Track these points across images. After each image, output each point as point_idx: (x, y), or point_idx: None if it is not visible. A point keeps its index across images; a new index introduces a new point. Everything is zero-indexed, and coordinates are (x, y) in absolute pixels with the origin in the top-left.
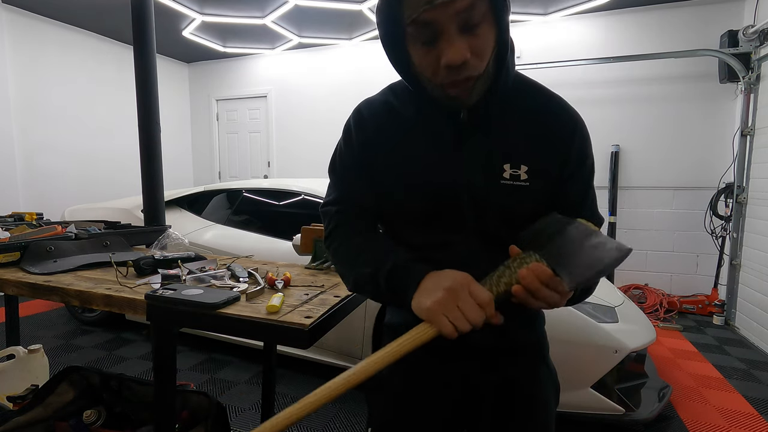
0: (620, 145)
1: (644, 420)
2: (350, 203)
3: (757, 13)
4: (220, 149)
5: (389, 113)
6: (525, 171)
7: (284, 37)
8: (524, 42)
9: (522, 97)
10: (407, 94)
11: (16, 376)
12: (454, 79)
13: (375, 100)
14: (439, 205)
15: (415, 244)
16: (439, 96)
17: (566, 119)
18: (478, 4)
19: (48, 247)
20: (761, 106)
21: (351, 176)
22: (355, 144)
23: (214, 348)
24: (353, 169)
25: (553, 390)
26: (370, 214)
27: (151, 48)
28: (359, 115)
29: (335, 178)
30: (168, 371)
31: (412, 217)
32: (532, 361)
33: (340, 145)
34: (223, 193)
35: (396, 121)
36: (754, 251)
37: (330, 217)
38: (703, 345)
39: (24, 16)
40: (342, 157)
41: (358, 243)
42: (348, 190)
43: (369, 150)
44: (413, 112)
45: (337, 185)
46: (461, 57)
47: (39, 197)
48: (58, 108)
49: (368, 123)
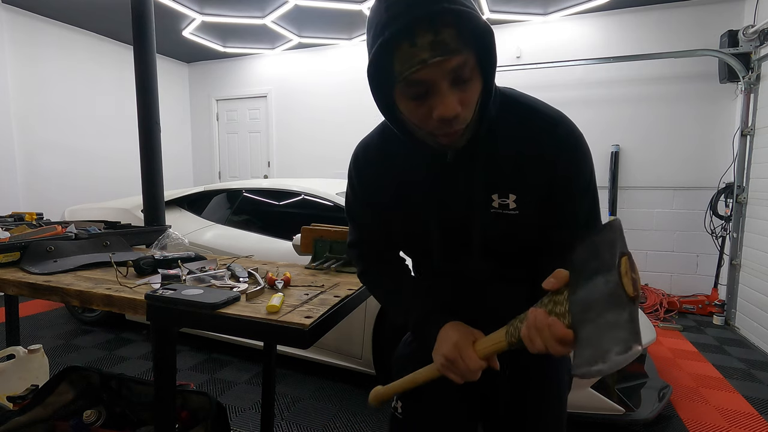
0: (620, 145)
1: (644, 420)
2: (368, 245)
3: (757, 13)
4: (220, 149)
5: (383, 158)
6: (513, 200)
7: (284, 37)
8: (524, 42)
9: (508, 121)
10: (390, 136)
11: (16, 376)
12: (445, 131)
13: (370, 145)
14: (439, 240)
15: (433, 268)
16: (430, 141)
17: (555, 136)
18: (469, 60)
19: (48, 247)
20: (761, 106)
21: (362, 220)
22: (359, 192)
23: (214, 348)
24: (363, 212)
25: (567, 376)
26: (388, 249)
27: (151, 48)
28: (357, 164)
29: (351, 221)
30: (168, 371)
31: (420, 249)
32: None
33: (348, 194)
34: (223, 193)
35: (390, 165)
36: (754, 251)
37: (356, 260)
38: (703, 345)
39: (24, 16)
40: (352, 203)
41: (389, 291)
42: (363, 233)
43: (372, 196)
44: (403, 154)
45: (355, 228)
46: (454, 111)
47: (39, 197)
48: (58, 108)
49: (366, 170)
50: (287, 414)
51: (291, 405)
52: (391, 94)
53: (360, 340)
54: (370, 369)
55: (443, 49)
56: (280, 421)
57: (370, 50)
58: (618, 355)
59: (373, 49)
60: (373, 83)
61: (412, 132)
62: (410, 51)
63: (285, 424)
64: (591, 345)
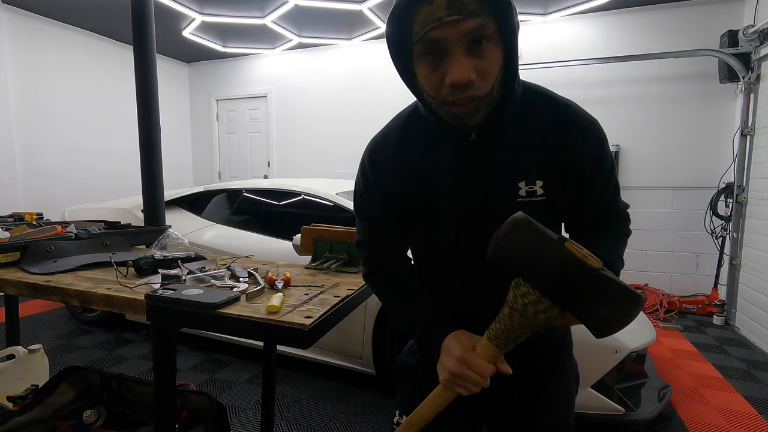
0: (620, 145)
1: (644, 420)
2: (378, 246)
3: (757, 13)
4: (220, 149)
5: (404, 144)
6: (540, 186)
7: (284, 37)
8: (524, 42)
9: (532, 109)
10: (413, 122)
11: (16, 376)
12: (457, 98)
13: (384, 140)
14: (460, 232)
15: (448, 265)
16: (443, 113)
17: (579, 125)
18: (487, 25)
19: (48, 247)
20: (761, 106)
21: (375, 220)
22: (374, 190)
23: (214, 348)
24: (375, 212)
25: (574, 380)
26: (398, 250)
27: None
28: (372, 162)
29: (361, 220)
30: (168, 371)
31: (438, 246)
32: (558, 354)
33: (359, 189)
34: (223, 193)
35: (411, 151)
36: (754, 251)
37: (364, 261)
38: (703, 345)
39: (24, 16)
40: (364, 202)
41: (393, 298)
42: (374, 233)
43: (388, 186)
44: (421, 140)
45: (365, 228)
46: (465, 76)
47: (39, 197)
48: (58, 108)
49: (384, 158)
50: (287, 414)
51: (291, 405)
52: (410, 62)
53: (360, 340)
54: (370, 369)
55: (460, 9)
56: (280, 421)
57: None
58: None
59: (392, 9)
60: (393, 48)
61: (429, 104)
62: (428, 10)
63: (285, 424)
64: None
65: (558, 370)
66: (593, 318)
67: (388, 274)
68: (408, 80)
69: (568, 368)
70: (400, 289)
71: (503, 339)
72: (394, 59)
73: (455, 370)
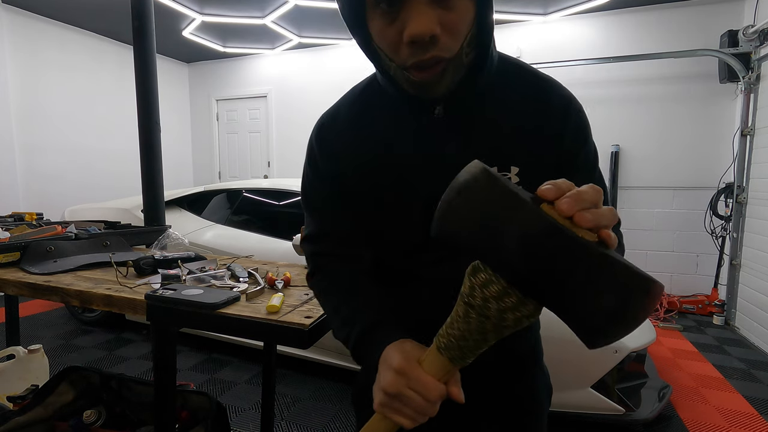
0: (620, 145)
1: (644, 420)
2: (327, 241)
3: (757, 13)
4: (220, 149)
5: (358, 123)
6: (516, 173)
7: (284, 37)
8: (524, 42)
9: (506, 82)
10: (369, 94)
11: (16, 376)
12: (419, 59)
13: (334, 116)
14: (421, 224)
15: (401, 266)
16: (402, 80)
17: (557, 99)
18: None
19: (48, 247)
20: (761, 106)
21: (324, 211)
22: (323, 174)
23: (214, 348)
24: (325, 201)
25: (546, 394)
26: (351, 247)
27: (151, 48)
28: (322, 139)
29: (308, 211)
30: (168, 371)
31: (401, 245)
32: (527, 368)
33: (306, 176)
34: (223, 193)
35: (366, 130)
36: (754, 251)
37: (308, 258)
38: (703, 345)
39: (24, 16)
40: (313, 189)
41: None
42: (322, 225)
43: (339, 180)
44: (379, 115)
45: (313, 220)
46: (428, 29)
47: (39, 197)
48: (58, 108)
49: (333, 146)
50: (287, 414)
51: (291, 405)
52: (363, 14)
53: None
54: None
55: None
56: (280, 421)
57: None
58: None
59: None
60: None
61: (387, 69)
62: None
63: (285, 424)
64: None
65: (529, 387)
66: (585, 317)
67: (333, 274)
68: (362, 40)
69: (540, 383)
70: (345, 290)
71: (457, 349)
72: (343, 12)
73: (391, 388)
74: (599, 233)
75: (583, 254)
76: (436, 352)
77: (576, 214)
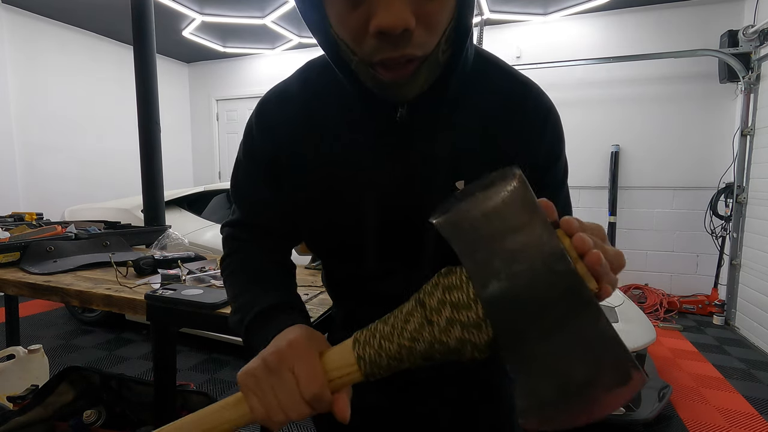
0: (620, 145)
1: (644, 420)
2: (251, 228)
3: (757, 13)
4: (220, 149)
5: (303, 106)
6: None
7: (284, 37)
8: (524, 42)
9: (481, 83)
10: (326, 76)
11: (16, 376)
12: (388, 56)
13: (283, 92)
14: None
15: (345, 273)
16: (367, 77)
17: (536, 106)
18: None
19: (48, 247)
20: (761, 106)
21: (254, 195)
22: (258, 154)
23: (214, 348)
24: (256, 185)
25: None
26: (277, 237)
27: (151, 48)
28: (263, 115)
29: (236, 196)
30: (168, 371)
31: (345, 254)
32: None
33: (240, 156)
34: (223, 193)
35: (312, 121)
36: (754, 251)
37: (224, 242)
38: (703, 345)
39: (24, 16)
40: (244, 171)
41: (237, 282)
42: (249, 212)
43: (277, 161)
44: (335, 102)
45: (239, 206)
46: (400, 22)
47: (39, 197)
48: (58, 108)
49: (273, 123)
50: None
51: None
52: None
53: None
54: None
55: None
56: None
57: None
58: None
59: None
60: None
61: (348, 62)
62: None
63: None
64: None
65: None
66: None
67: (246, 260)
68: (316, 26)
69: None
70: (254, 272)
71: (375, 348)
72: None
73: (271, 359)
74: (601, 286)
75: (580, 295)
76: (345, 345)
77: (590, 253)
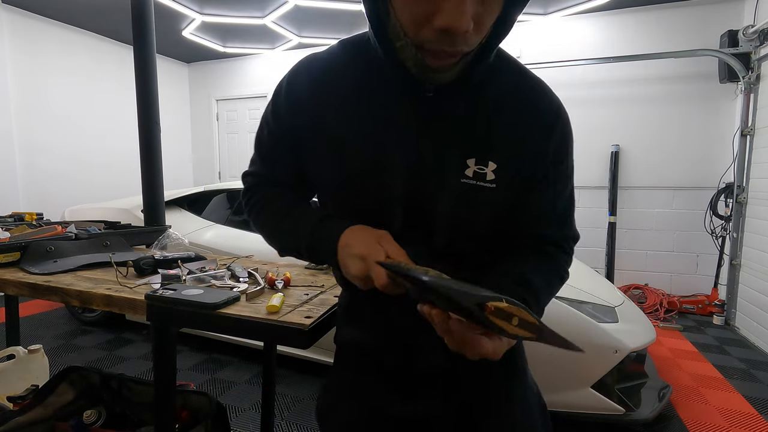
0: (620, 145)
1: (644, 420)
2: (271, 180)
3: (757, 13)
4: (220, 149)
5: (334, 75)
6: (493, 170)
7: (284, 37)
8: (524, 42)
9: (500, 77)
10: (373, 56)
11: (16, 376)
12: (442, 49)
13: (319, 59)
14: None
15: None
16: (409, 58)
17: (547, 106)
18: None
19: (48, 247)
20: (761, 106)
21: (276, 150)
22: (284, 111)
23: (214, 348)
24: (280, 141)
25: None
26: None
27: (151, 48)
28: (294, 77)
29: (259, 150)
30: (168, 371)
31: (344, 209)
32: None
33: (267, 112)
34: (223, 193)
35: (339, 86)
36: (754, 251)
37: (247, 188)
38: (703, 345)
39: (24, 16)
40: (269, 126)
41: (277, 207)
42: (271, 167)
43: (300, 119)
44: (378, 78)
45: (261, 159)
46: (468, 25)
47: (39, 197)
48: (58, 108)
49: (304, 89)
50: (287, 414)
51: (291, 405)
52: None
53: None
54: None
55: None
56: (280, 421)
57: None
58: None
59: None
60: None
61: (392, 39)
62: None
63: (285, 424)
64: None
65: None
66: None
67: (272, 193)
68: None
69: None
70: (290, 200)
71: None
72: None
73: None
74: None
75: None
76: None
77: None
